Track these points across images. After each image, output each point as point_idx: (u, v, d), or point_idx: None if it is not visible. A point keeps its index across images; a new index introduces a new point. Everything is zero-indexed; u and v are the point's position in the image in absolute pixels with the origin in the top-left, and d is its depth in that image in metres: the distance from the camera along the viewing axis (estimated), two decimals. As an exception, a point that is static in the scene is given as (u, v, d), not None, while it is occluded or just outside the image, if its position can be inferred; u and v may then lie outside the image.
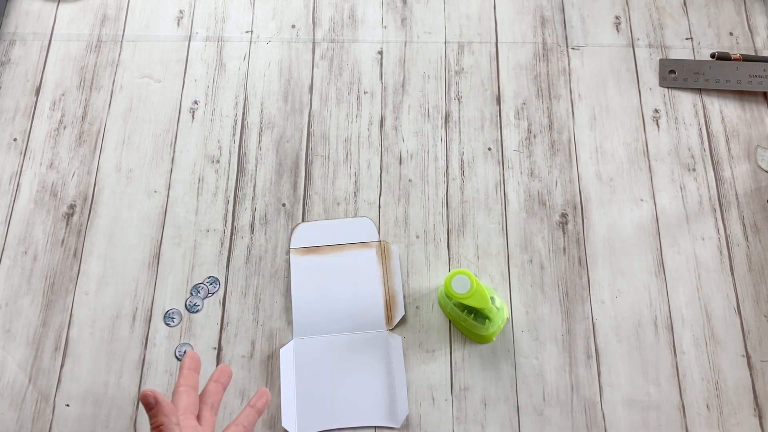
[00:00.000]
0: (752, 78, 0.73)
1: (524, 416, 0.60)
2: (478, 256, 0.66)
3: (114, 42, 0.75)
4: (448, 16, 0.78)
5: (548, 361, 0.62)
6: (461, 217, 0.68)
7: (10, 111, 0.72)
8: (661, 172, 0.70)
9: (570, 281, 0.65)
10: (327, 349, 0.62)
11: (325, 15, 0.77)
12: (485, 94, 0.73)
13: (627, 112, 0.73)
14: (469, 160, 0.70)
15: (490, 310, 0.59)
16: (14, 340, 0.62)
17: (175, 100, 0.73)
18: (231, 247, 0.66)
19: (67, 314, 0.63)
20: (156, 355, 0.62)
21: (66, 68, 0.74)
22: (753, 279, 0.65)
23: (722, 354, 0.62)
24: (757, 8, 0.78)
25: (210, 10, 0.78)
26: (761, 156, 0.71)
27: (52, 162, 0.69)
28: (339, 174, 0.69)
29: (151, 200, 0.68)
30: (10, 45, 0.75)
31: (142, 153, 0.70)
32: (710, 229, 0.67)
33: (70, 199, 0.68)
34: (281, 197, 0.68)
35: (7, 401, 0.60)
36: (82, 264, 0.65)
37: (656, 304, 0.64)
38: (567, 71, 0.75)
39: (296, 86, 0.74)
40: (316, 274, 0.64)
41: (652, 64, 0.75)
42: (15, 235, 0.66)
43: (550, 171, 0.70)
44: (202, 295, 0.64)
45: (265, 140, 0.71)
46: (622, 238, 0.67)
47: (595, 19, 0.78)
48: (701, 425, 0.60)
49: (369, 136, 0.71)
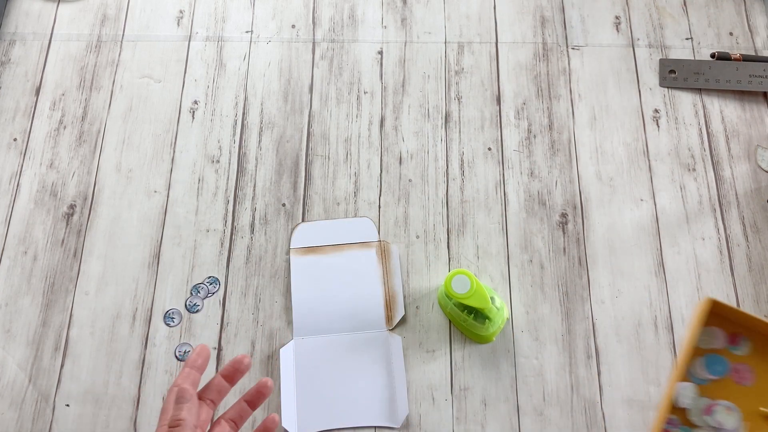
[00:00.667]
0: (752, 78, 0.73)
1: (524, 416, 0.60)
2: (478, 256, 0.66)
3: (114, 42, 0.75)
4: (448, 16, 0.78)
5: (548, 361, 0.62)
6: (461, 217, 0.68)
7: (10, 111, 0.72)
8: (661, 172, 0.70)
9: (570, 281, 0.65)
10: (327, 349, 0.62)
11: (325, 15, 0.77)
12: (485, 94, 0.73)
13: (627, 112, 0.73)
14: (469, 160, 0.70)
15: (490, 310, 0.59)
16: (14, 340, 0.62)
17: (175, 100, 0.73)
18: (231, 247, 0.66)
19: (67, 314, 0.63)
20: (156, 355, 0.62)
21: (66, 68, 0.74)
22: (753, 279, 0.65)
23: (722, 354, 0.62)
24: (757, 8, 0.78)
25: (210, 10, 0.78)
26: (761, 156, 0.71)
27: (52, 162, 0.69)
28: (339, 174, 0.69)
29: (151, 200, 0.68)
30: (10, 45, 0.75)
31: (142, 153, 0.70)
32: (710, 229, 0.67)
33: (70, 199, 0.68)
34: (281, 197, 0.68)
35: (7, 401, 0.60)
36: (82, 264, 0.65)
37: (656, 304, 0.64)
38: (567, 71, 0.75)
39: (296, 86, 0.74)
40: (316, 274, 0.64)
41: (652, 64, 0.75)
42: (15, 235, 0.66)
43: (550, 171, 0.70)
44: (202, 295, 0.64)
45: (265, 140, 0.71)
46: (622, 238, 0.67)
47: (595, 19, 0.78)
48: (701, 425, 0.60)
49: (369, 136, 0.71)
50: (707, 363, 0.45)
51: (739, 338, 0.46)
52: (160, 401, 0.60)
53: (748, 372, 0.45)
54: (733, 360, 0.45)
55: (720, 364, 0.46)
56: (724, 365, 0.46)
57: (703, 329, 0.46)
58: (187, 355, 0.62)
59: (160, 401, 0.60)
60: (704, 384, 0.45)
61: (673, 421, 0.43)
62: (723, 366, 0.46)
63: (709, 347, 0.46)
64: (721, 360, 0.46)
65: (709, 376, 0.45)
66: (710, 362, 0.46)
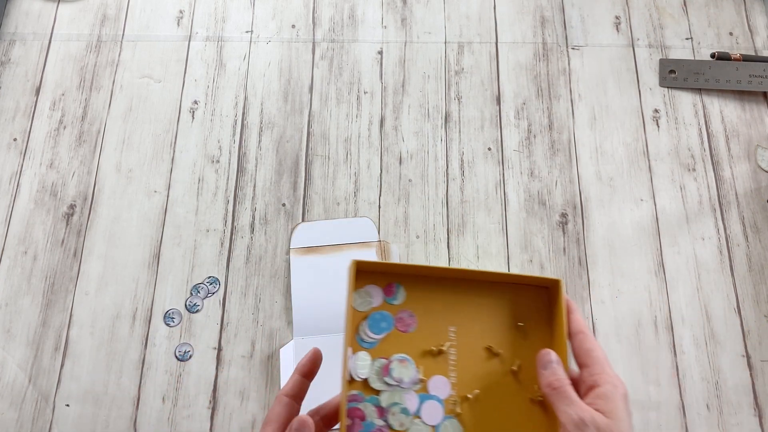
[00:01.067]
0: (752, 78, 0.73)
1: (524, 416, 0.60)
2: (478, 256, 0.66)
3: (114, 42, 0.75)
4: (448, 16, 0.78)
5: (548, 361, 0.62)
6: (461, 217, 0.68)
7: (10, 111, 0.72)
8: (661, 172, 0.70)
9: (570, 281, 0.65)
10: (327, 349, 0.62)
11: (325, 15, 0.77)
12: (485, 94, 0.73)
13: (627, 112, 0.73)
14: (469, 160, 0.70)
15: (490, 310, 0.58)
16: (14, 340, 0.62)
17: (175, 100, 0.73)
18: (231, 247, 0.66)
19: (67, 314, 0.63)
20: (156, 355, 0.62)
21: (66, 68, 0.74)
22: (753, 279, 0.65)
23: (722, 354, 0.62)
24: (757, 8, 0.78)
25: (210, 10, 0.78)
26: (761, 156, 0.71)
27: (52, 162, 0.69)
28: (339, 174, 0.69)
29: (151, 200, 0.68)
30: (10, 45, 0.75)
31: (142, 153, 0.70)
32: (710, 229, 0.67)
33: (70, 199, 0.68)
34: (281, 197, 0.68)
35: (7, 401, 0.60)
36: (82, 264, 0.65)
37: (656, 304, 0.64)
38: (567, 71, 0.75)
39: (296, 86, 0.74)
40: (316, 274, 0.64)
41: (652, 64, 0.75)
42: (15, 235, 0.66)
43: (550, 171, 0.70)
44: (202, 295, 0.64)
45: (265, 140, 0.71)
46: (622, 238, 0.67)
47: (595, 19, 0.78)
48: (701, 425, 0.60)
49: (369, 136, 0.71)
50: (370, 324, 0.45)
51: (393, 288, 0.46)
52: (160, 401, 0.60)
53: (410, 317, 0.45)
54: (394, 311, 0.45)
55: (384, 321, 0.45)
56: (388, 320, 0.45)
57: (358, 292, 0.46)
58: (188, 355, 0.62)
59: (161, 401, 0.60)
60: (375, 346, 0.44)
61: (357, 396, 0.42)
62: (387, 321, 0.45)
63: (370, 308, 0.45)
64: (384, 315, 0.45)
65: (376, 336, 0.44)
66: (373, 322, 0.45)
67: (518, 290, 0.45)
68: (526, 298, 0.44)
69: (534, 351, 0.41)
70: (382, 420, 0.41)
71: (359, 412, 0.41)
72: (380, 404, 0.41)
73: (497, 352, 0.43)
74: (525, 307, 0.44)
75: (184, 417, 0.59)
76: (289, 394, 0.41)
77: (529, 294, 0.44)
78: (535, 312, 0.44)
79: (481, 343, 0.43)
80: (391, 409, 0.41)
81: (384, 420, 0.41)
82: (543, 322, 0.44)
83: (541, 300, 0.44)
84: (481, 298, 0.45)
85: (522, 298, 0.44)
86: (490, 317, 0.44)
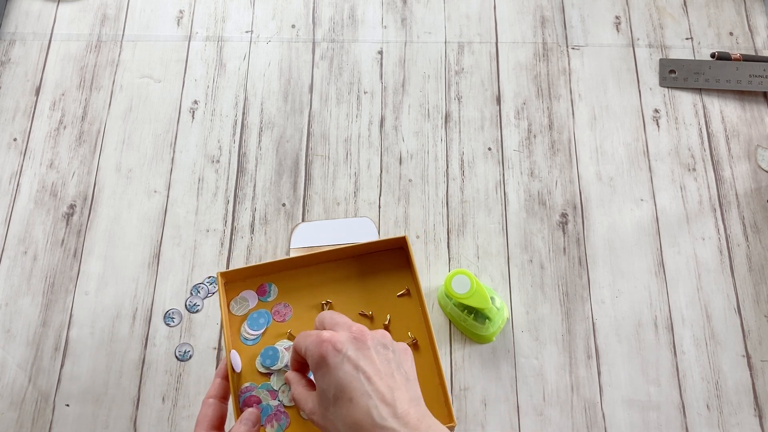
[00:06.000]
0: (752, 78, 0.73)
1: (524, 416, 0.60)
2: (478, 256, 0.66)
3: (114, 42, 0.75)
4: (448, 16, 0.78)
5: (548, 361, 0.62)
6: (461, 217, 0.68)
7: (10, 111, 0.72)
8: (661, 172, 0.70)
9: (570, 281, 0.65)
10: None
11: (325, 15, 0.77)
12: (485, 94, 0.73)
13: (627, 112, 0.73)
14: (469, 160, 0.70)
15: (490, 310, 0.59)
16: (14, 340, 0.62)
17: (175, 100, 0.73)
18: (231, 247, 0.66)
19: (67, 314, 0.63)
20: (156, 355, 0.62)
21: (66, 68, 0.74)
22: (753, 279, 0.65)
23: (722, 354, 0.62)
24: (757, 8, 0.78)
25: (210, 10, 0.78)
26: (761, 156, 0.71)
27: (52, 162, 0.69)
28: (339, 174, 0.69)
29: (151, 200, 0.68)
30: (10, 45, 0.75)
31: (142, 153, 0.70)
32: (710, 229, 0.67)
33: (70, 199, 0.68)
34: (281, 197, 0.68)
35: (7, 401, 0.60)
36: (82, 264, 0.65)
37: (656, 304, 0.64)
38: (567, 71, 0.75)
39: (296, 86, 0.74)
40: (316, 274, 0.64)
41: (652, 64, 0.75)
42: (15, 235, 0.66)
43: (550, 171, 0.70)
44: (202, 295, 0.64)
45: (265, 140, 0.71)
46: (622, 238, 0.67)
47: (595, 19, 0.78)
48: (701, 425, 0.60)
49: (369, 136, 0.71)
50: (249, 323, 0.50)
51: (265, 287, 0.51)
52: (160, 401, 0.60)
53: (285, 307, 0.51)
54: (270, 307, 0.50)
55: (261, 317, 0.50)
56: (265, 316, 0.50)
57: (235, 300, 0.51)
58: (188, 355, 0.62)
59: (160, 401, 0.60)
60: (258, 341, 0.49)
61: (250, 387, 0.48)
62: (264, 317, 0.50)
63: (248, 311, 0.50)
64: (261, 313, 0.50)
65: (256, 332, 0.49)
66: (251, 321, 0.50)
67: (375, 257, 0.52)
68: (383, 261, 0.52)
69: (398, 302, 0.51)
70: (276, 401, 0.47)
71: (255, 398, 0.47)
72: (272, 388, 0.47)
73: (368, 314, 0.50)
74: (382, 268, 0.52)
75: (184, 417, 0.59)
76: (216, 396, 0.45)
77: (384, 257, 0.52)
78: (393, 270, 0.52)
79: (353, 310, 0.50)
80: (281, 389, 0.47)
81: (278, 400, 0.47)
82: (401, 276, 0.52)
83: (397, 258, 0.52)
84: (345, 272, 0.52)
85: (379, 262, 0.52)
86: (355, 286, 0.51)
